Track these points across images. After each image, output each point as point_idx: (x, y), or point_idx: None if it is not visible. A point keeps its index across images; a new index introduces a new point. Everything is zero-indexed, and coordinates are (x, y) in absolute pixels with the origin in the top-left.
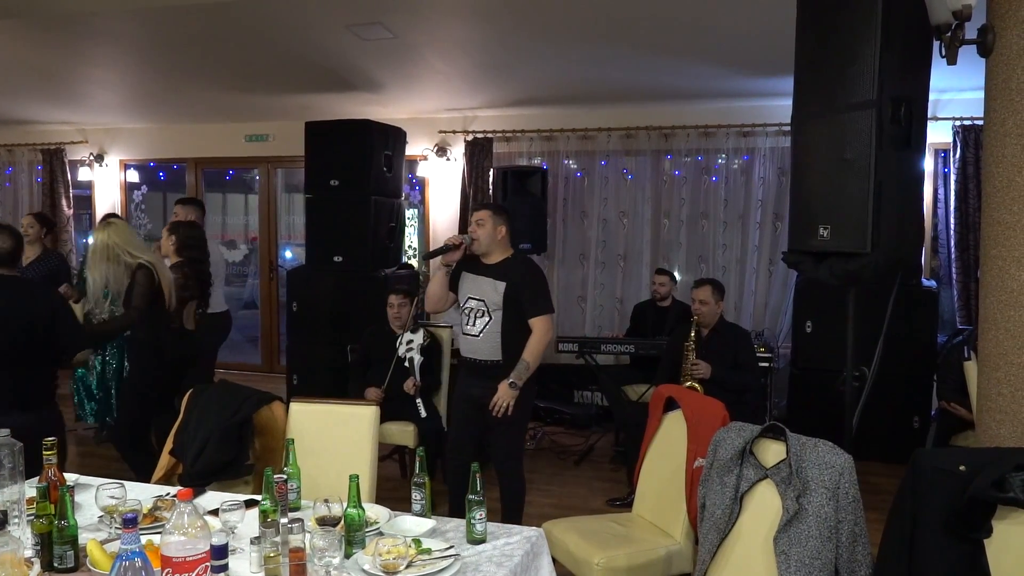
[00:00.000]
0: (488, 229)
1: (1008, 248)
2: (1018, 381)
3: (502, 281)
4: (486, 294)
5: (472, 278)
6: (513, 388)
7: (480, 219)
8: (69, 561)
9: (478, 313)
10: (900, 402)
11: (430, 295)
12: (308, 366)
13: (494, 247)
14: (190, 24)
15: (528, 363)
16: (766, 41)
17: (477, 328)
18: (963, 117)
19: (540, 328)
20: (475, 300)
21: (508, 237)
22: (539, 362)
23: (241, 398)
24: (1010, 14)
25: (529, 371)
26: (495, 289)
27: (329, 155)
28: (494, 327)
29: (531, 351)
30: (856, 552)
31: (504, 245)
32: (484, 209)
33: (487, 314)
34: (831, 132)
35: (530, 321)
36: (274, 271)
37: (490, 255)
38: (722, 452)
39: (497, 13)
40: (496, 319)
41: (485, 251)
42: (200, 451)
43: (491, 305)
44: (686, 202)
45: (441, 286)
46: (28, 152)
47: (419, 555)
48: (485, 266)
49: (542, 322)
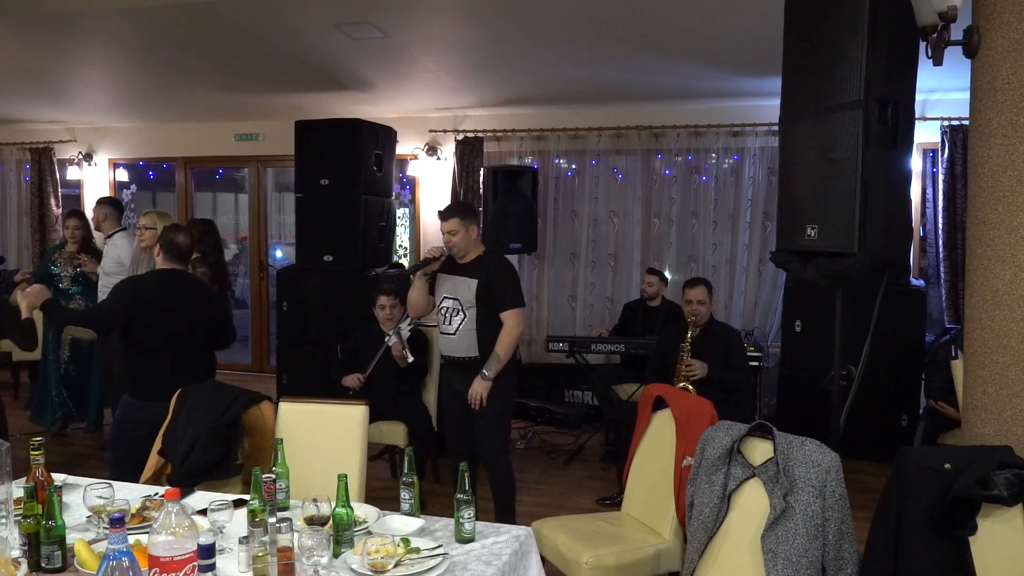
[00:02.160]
0: (461, 235)
1: (993, 248)
2: (1003, 380)
3: (474, 279)
4: (460, 293)
5: (447, 278)
6: (485, 379)
7: (451, 230)
8: (56, 561)
9: (453, 312)
10: (888, 401)
11: (412, 303)
12: (298, 366)
13: (470, 247)
14: (179, 23)
15: (499, 355)
16: (756, 42)
17: (453, 327)
18: (951, 117)
19: (510, 321)
20: (450, 299)
21: (479, 233)
22: (511, 353)
23: (230, 398)
24: (995, 15)
25: (500, 363)
26: (468, 287)
27: (319, 154)
28: (469, 324)
29: (502, 344)
30: (843, 550)
31: (477, 243)
32: (452, 218)
33: (461, 312)
34: (818, 132)
35: (501, 315)
36: (264, 270)
37: (466, 256)
38: (710, 451)
39: (487, 13)
40: (471, 316)
41: (464, 254)
42: (188, 451)
43: (465, 303)
44: (676, 201)
45: (422, 293)
46: (16, 151)
47: (407, 554)
48: (459, 266)
49: (512, 316)
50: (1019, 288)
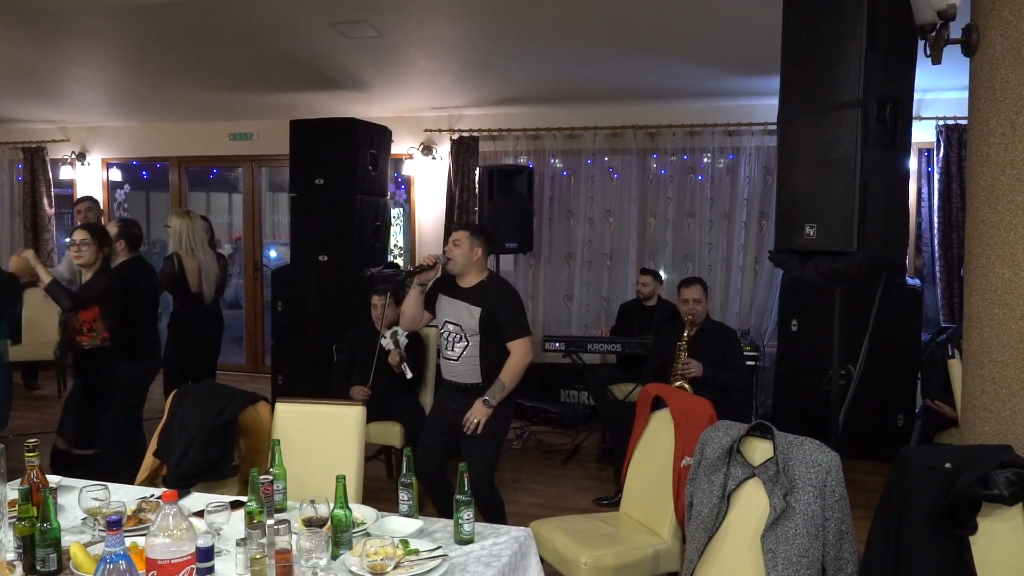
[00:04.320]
0: (464, 250)
1: (992, 246)
2: (1002, 379)
3: (477, 306)
4: (462, 319)
5: (449, 301)
6: (487, 406)
7: (457, 239)
8: (52, 564)
9: (456, 338)
10: (885, 400)
11: (405, 313)
12: (293, 366)
13: (469, 268)
14: (173, 21)
15: (504, 384)
16: (752, 41)
17: (456, 352)
18: (947, 117)
19: (518, 351)
20: (452, 324)
21: (484, 259)
22: (517, 382)
23: (226, 399)
24: (994, 14)
25: (504, 391)
26: (471, 314)
27: (314, 154)
28: (472, 351)
29: (508, 372)
30: (843, 550)
31: (479, 267)
32: (463, 230)
33: (464, 339)
34: (817, 131)
35: (508, 344)
36: (259, 271)
37: (465, 276)
38: (709, 451)
39: (483, 12)
40: (474, 344)
41: (460, 271)
42: (185, 452)
43: (468, 330)
44: (672, 201)
45: (416, 305)
46: (9, 151)
47: (406, 556)
48: (461, 290)
49: (520, 345)
50: (1018, 287)
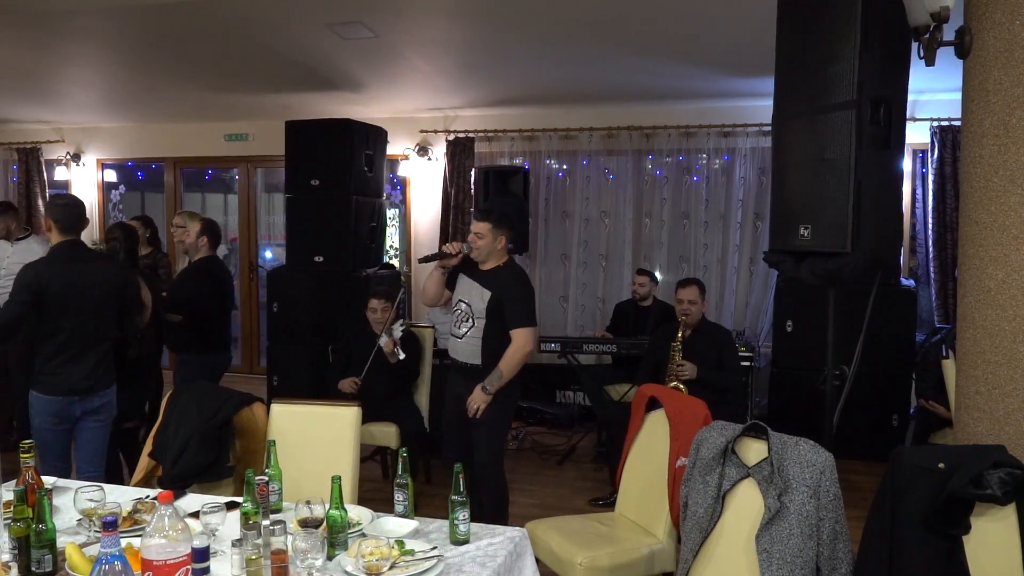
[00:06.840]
0: (487, 241)
1: (985, 247)
2: (995, 379)
3: (488, 290)
4: (473, 300)
5: (466, 281)
6: (485, 393)
7: (479, 232)
8: (47, 565)
9: (464, 316)
10: (879, 400)
11: (425, 291)
12: (289, 367)
13: (492, 255)
14: (169, 22)
15: (502, 372)
16: (747, 42)
17: (462, 331)
18: (941, 118)
19: (518, 340)
20: (464, 304)
21: (507, 244)
22: (516, 372)
23: (221, 399)
24: (987, 16)
25: (502, 380)
26: (481, 297)
27: (310, 154)
28: (476, 333)
29: (507, 361)
30: (837, 549)
31: (501, 253)
32: (485, 222)
33: (471, 319)
34: (811, 132)
35: (510, 332)
36: (254, 271)
37: (486, 262)
38: (704, 451)
39: (479, 13)
40: (479, 326)
41: (484, 259)
42: (180, 453)
43: (476, 312)
44: (667, 202)
45: (437, 284)
46: (3, 151)
47: (402, 556)
48: (479, 272)
49: (520, 335)
50: (1011, 288)
